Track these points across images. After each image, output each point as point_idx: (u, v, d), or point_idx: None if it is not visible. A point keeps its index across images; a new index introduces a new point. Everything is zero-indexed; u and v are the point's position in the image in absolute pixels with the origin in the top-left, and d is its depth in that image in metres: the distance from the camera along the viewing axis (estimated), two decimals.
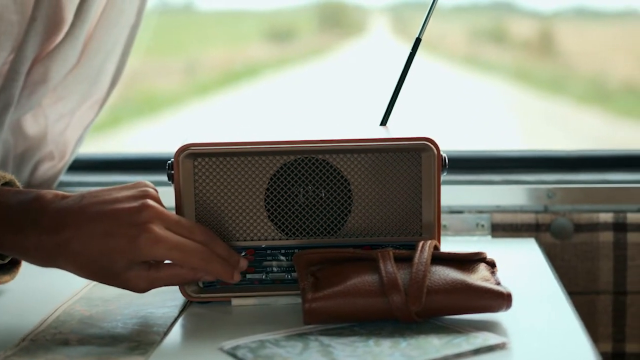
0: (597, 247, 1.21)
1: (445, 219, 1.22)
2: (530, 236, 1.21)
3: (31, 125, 1.21)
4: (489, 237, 1.22)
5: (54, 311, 0.92)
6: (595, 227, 1.21)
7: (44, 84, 1.15)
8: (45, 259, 0.85)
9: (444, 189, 1.18)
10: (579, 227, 1.21)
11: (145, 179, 1.27)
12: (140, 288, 0.86)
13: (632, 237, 1.20)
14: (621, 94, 10.05)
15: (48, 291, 0.98)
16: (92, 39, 1.16)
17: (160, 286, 0.88)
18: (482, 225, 1.22)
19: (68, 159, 1.25)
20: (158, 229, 0.84)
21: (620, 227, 1.20)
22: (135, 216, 0.84)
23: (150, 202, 0.86)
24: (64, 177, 1.29)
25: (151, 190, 0.88)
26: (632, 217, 1.20)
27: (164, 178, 1.27)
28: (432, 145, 0.93)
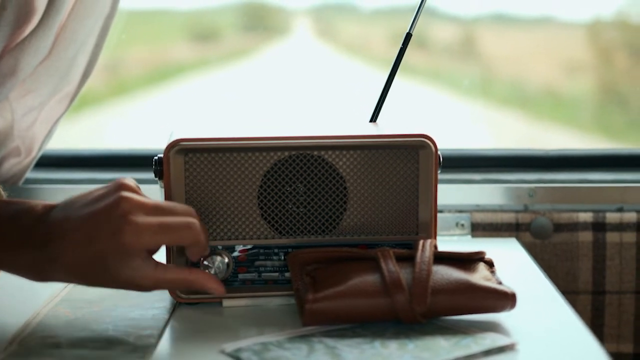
0: (577, 247, 1.20)
1: None
2: (510, 236, 1.21)
3: None
4: (469, 236, 1.21)
5: (37, 314, 0.87)
6: (575, 226, 1.20)
7: (13, 76, 1.10)
8: (40, 275, 0.81)
9: None
10: (559, 227, 1.21)
11: (116, 176, 1.23)
12: (146, 287, 0.82)
13: (611, 236, 1.20)
14: (540, 97, 10.25)
15: (23, 292, 0.92)
16: (64, 29, 1.11)
17: (165, 288, 0.84)
18: (462, 225, 1.21)
19: (35, 155, 1.19)
20: (138, 218, 0.80)
21: (599, 227, 1.20)
22: (113, 212, 0.80)
23: (125, 193, 0.81)
24: (31, 174, 1.23)
25: (126, 181, 0.83)
26: (611, 217, 1.20)
27: (140, 175, 1.23)
28: (430, 143, 0.91)
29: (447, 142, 1.16)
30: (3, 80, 1.10)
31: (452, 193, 1.21)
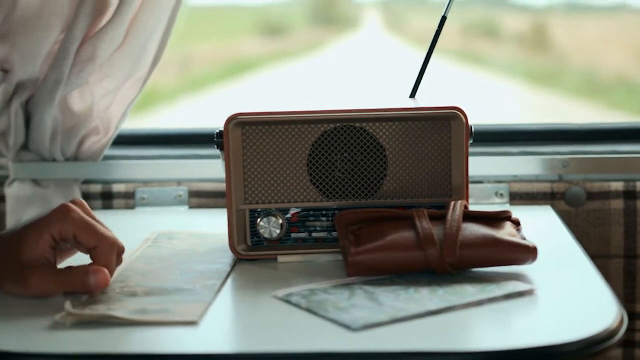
0: (609, 214, 1.29)
1: None
2: (545, 204, 1.30)
3: (78, 102, 1.29)
4: (507, 205, 1.30)
5: (116, 268, 0.99)
6: (606, 195, 1.29)
7: (92, 62, 1.23)
8: None
9: None
10: (591, 195, 1.29)
11: (184, 152, 1.36)
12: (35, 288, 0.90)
13: None
14: (613, 86, 10.15)
15: None
16: (136, 19, 1.24)
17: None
18: (501, 194, 1.30)
19: (112, 134, 1.32)
20: (74, 210, 0.91)
21: (630, 195, 1.28)
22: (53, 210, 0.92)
23: (69, 204, 0.92)
24: (108, 151, 1.37)
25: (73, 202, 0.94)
26: None
27: (204, 151, 1.36)
28: (460, 114, 1.01)
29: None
30: (83, 66, 1.23)
31: (491, 165, 1.30)
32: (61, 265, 0.95)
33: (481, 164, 1.30)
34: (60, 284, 0.90)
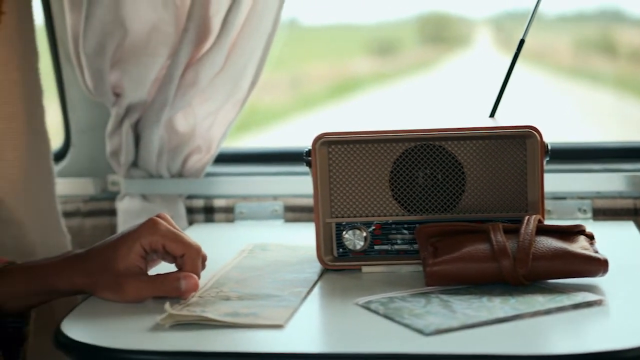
0: None
1: (549, 204, 1.35)
2: (628, 220, 1.33)
3: (182, 122, 1.39)
4: (591, 220, 1.34)
5: (213, 275, 1.08)
6: None
7: (194, 86, 1.33)
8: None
9: (548, 176, 1.31)
10: None
11: (282, 170, 1.45)
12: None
13: None
14: None
15: (207, 261, 1.14)
16: (235, 46, 1.33)
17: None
18: (584, 210, 1.34)
19: (214, 152, 1.42)
20: (161, 222, 1.00)
21: None
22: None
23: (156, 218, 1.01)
24: (210, 169, 1.47)
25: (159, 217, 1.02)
26: None
27: (298, 169, 1.44)
28: (535, 133, 1.06)
29: None
30: (187, 90, 1.33)
31: (574, 181, 1.34)
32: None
33: (565, 181, 1.34)
34: (154, 289, 0.98)
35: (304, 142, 1.09)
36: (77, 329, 0.92)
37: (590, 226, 1.31)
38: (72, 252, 1.03)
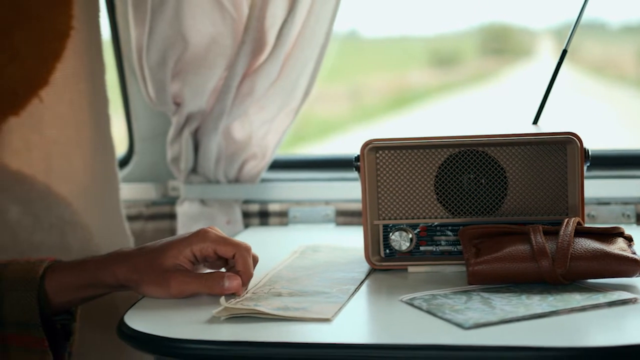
0: None
1: (594, 209, 1.39)
2: None
3: (239, 130, 1.46)
4: (634, 225, 1.37)
5: (266, 274, 1.14)
6: None
7: (251, 95, 1.40)
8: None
9: (593, 182, 1.35)
10: None
11: (333, 176, 1.50)
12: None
13: None
14: None
15: (261, 262, 1.20)
16: (290, 57, 1.40)
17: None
18: (628, 215, 1.38)
19: (269, 159, 1.49)
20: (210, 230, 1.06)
21: None
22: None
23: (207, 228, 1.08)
24: (265, 175, 1.53)
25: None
26: None
27: (349, 175, 1.50)
28: (575, 139, 1.11)
29: None
30: (243, 99, 1.40)
31: (618, 187, 1.38)
32: None
33: (608, 187, 1.38)
34: (198, 286, 1.05)
35: (356, 150, 1.15)
36: (139, 321, 0.99)
37: (634, 231, 1.35)
38: (120, 249, 1.10)
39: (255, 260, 1.09)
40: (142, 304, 1.05)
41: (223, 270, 1.09)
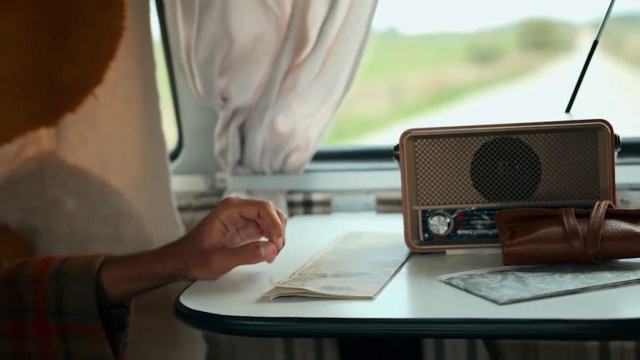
0: None
1: (627, 195, 1.43)
2: None
3: (283, 124, 1.52)
4: None
5: (311, 258, 1.21)
6: None
7: (294, 90, 1.46)
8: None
9: (625, 168, 1.40)
10: None
11: (374, 166, 1.56)
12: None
13: None
14: None
15: (305, 247, 1.27)
16: (331, 52, 1.46)
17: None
18: None
19: (312, 151, 1.55)
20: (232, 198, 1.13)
21: None
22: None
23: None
24: (308, 166, 1.60)
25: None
26: None
27: (389, 165, 1.56)
28: (606, 126, 1.16)
29: None
30: (287, 94, 1.47)
31: None
32: None
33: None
34: (237, 259, 1.11)
35: (395, 142, 1.20)
36: (194, 301, 1.06)
37: None
38: (170, 242, 1.17)
39: (282, 219, 1.14)
40: (194, 287, 1.12)
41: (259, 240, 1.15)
